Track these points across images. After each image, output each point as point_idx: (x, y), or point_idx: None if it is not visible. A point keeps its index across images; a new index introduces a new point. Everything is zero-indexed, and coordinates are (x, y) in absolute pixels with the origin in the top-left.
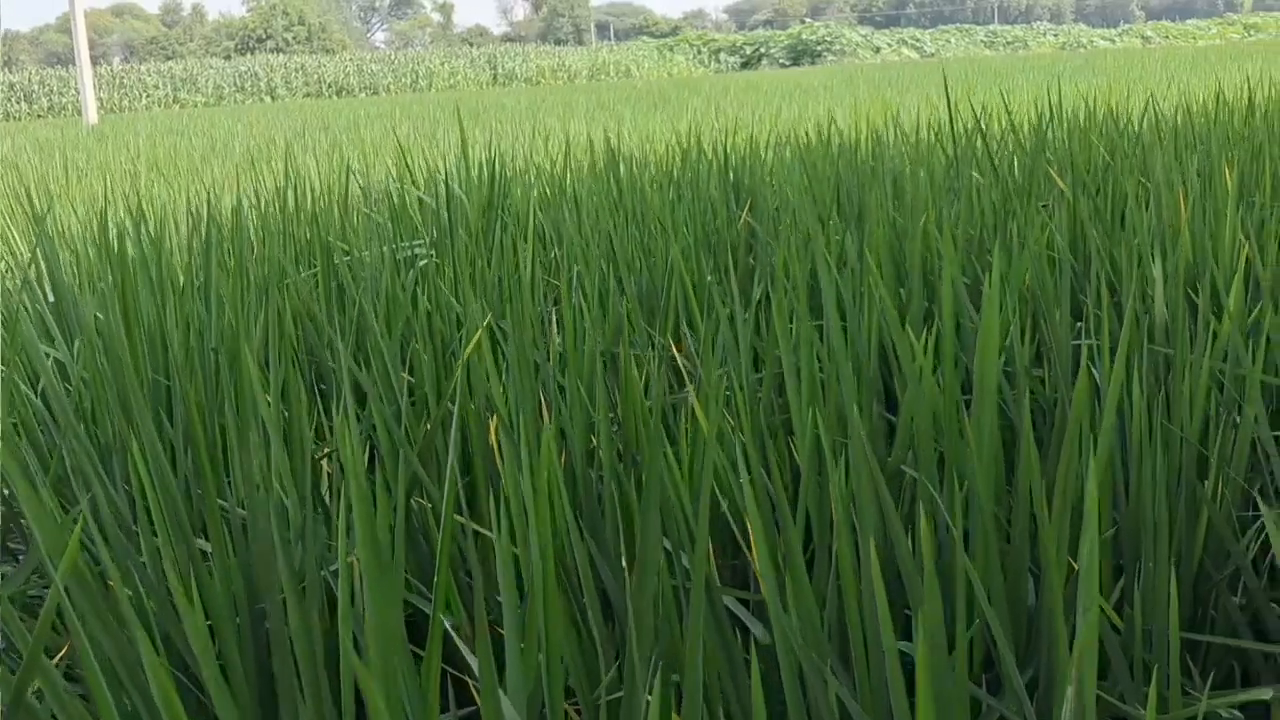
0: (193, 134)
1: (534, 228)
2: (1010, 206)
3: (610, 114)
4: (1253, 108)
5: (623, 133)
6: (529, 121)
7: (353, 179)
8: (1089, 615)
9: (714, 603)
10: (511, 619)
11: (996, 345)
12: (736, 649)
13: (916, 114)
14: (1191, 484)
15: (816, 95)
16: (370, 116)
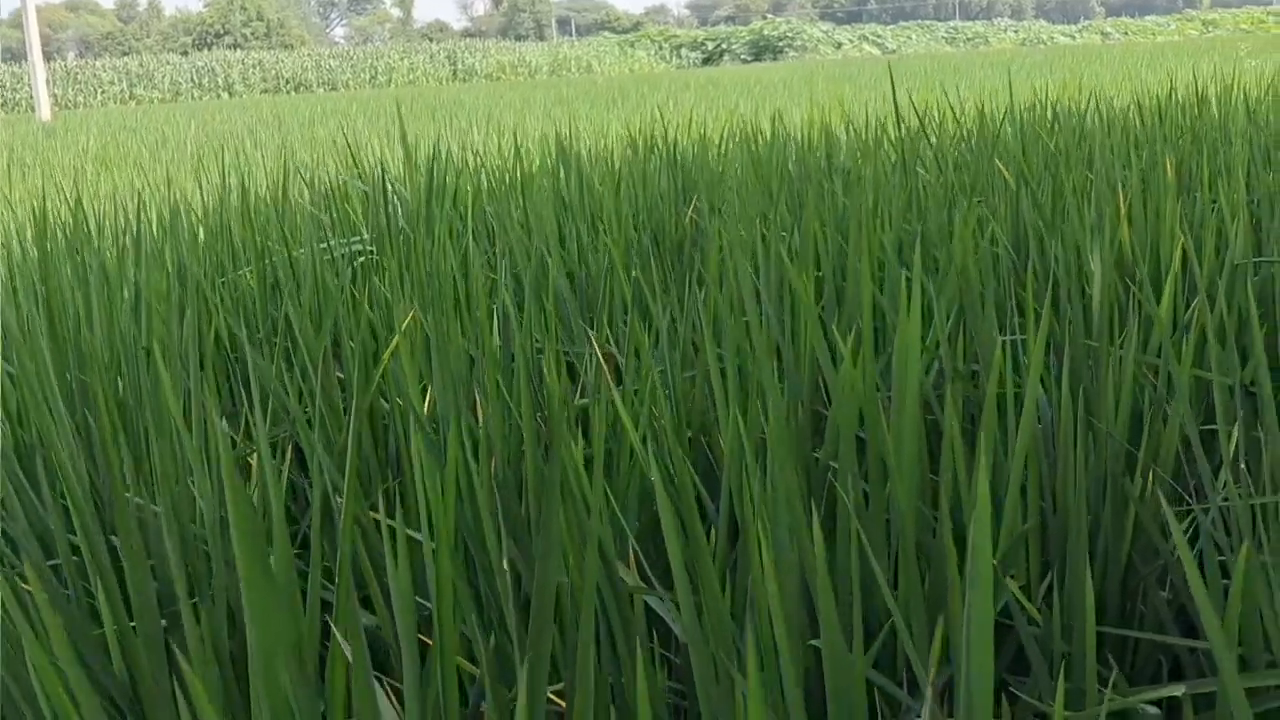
0: (144, 130)
1: (470, 224)
2: (956, 201)
3: (567, 110)
4: (1204, 103)
5: (578, 128)
6: (485, 117)
7: (298, 175)
8: (977, 595)
9: (623, 601)
10: (404, 622)
11: (917, 340)
12: (647, 648)
13: (867, 110)
14: (1117, 480)
15: (775, 91)
16: (326, 113)
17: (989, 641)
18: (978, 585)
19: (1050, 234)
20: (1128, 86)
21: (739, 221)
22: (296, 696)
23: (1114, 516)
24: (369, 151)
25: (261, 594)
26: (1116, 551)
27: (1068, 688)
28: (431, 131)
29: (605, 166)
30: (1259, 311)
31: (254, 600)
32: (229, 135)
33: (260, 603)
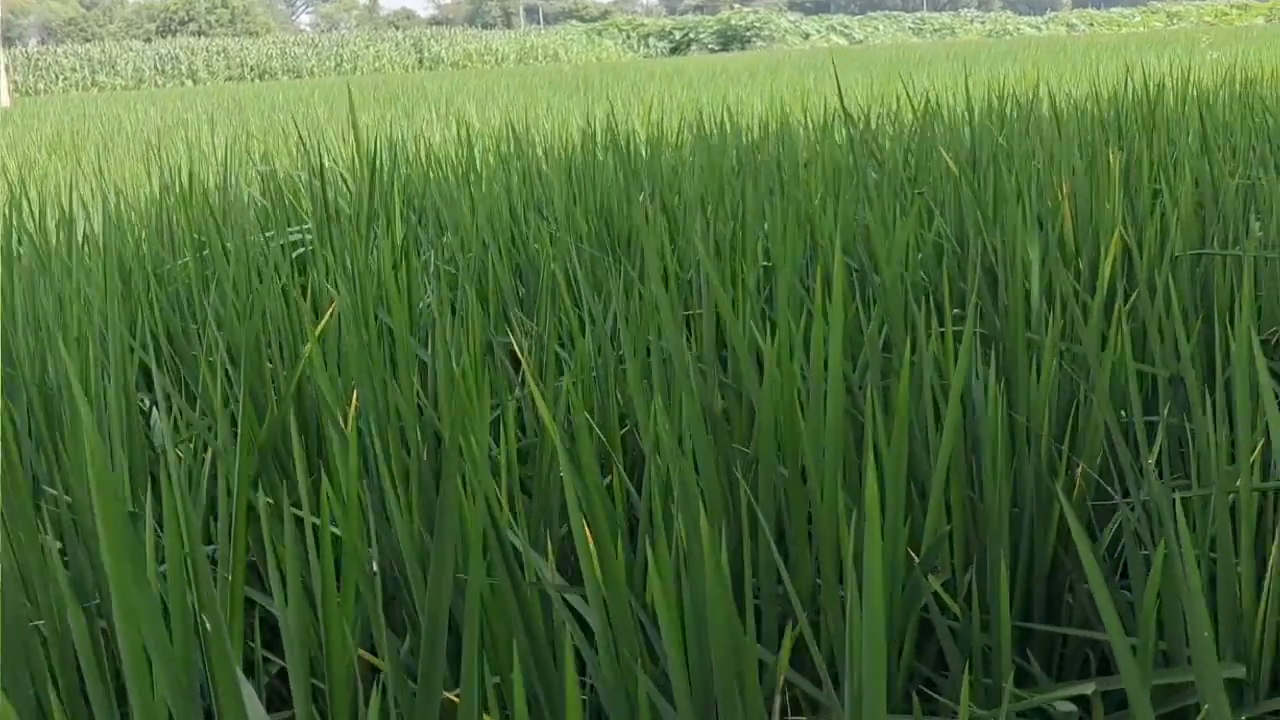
0: (103, 118)
1: (405, 214)
2: (901, 192)
3: (530, 98)
4: (1161, 94)
5: (538, 117)
6: (446, 105)
7: (250, 164)
8: (869, 595)
9: (521, 596)
10: (294, 617)
11: (840, 331)
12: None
13: (826, 102)
14: (1041, 474)
15: (739, 81)
16: (289, 100)
17: (882, 647)
18: (870, 586)
19: (989, 227)
20: (1085, 77)
21: (686, 213)
22: (174, 702)
23: (1039, 511)
24: (324, 140)
25: (129, 598)
26: (1043, 546)
27: (988, 684)
28: (390, 119)
29: (560, 156)
30: (1201, 302)
31: (123, 607)
32: (187, 123)
33: (128, 610)
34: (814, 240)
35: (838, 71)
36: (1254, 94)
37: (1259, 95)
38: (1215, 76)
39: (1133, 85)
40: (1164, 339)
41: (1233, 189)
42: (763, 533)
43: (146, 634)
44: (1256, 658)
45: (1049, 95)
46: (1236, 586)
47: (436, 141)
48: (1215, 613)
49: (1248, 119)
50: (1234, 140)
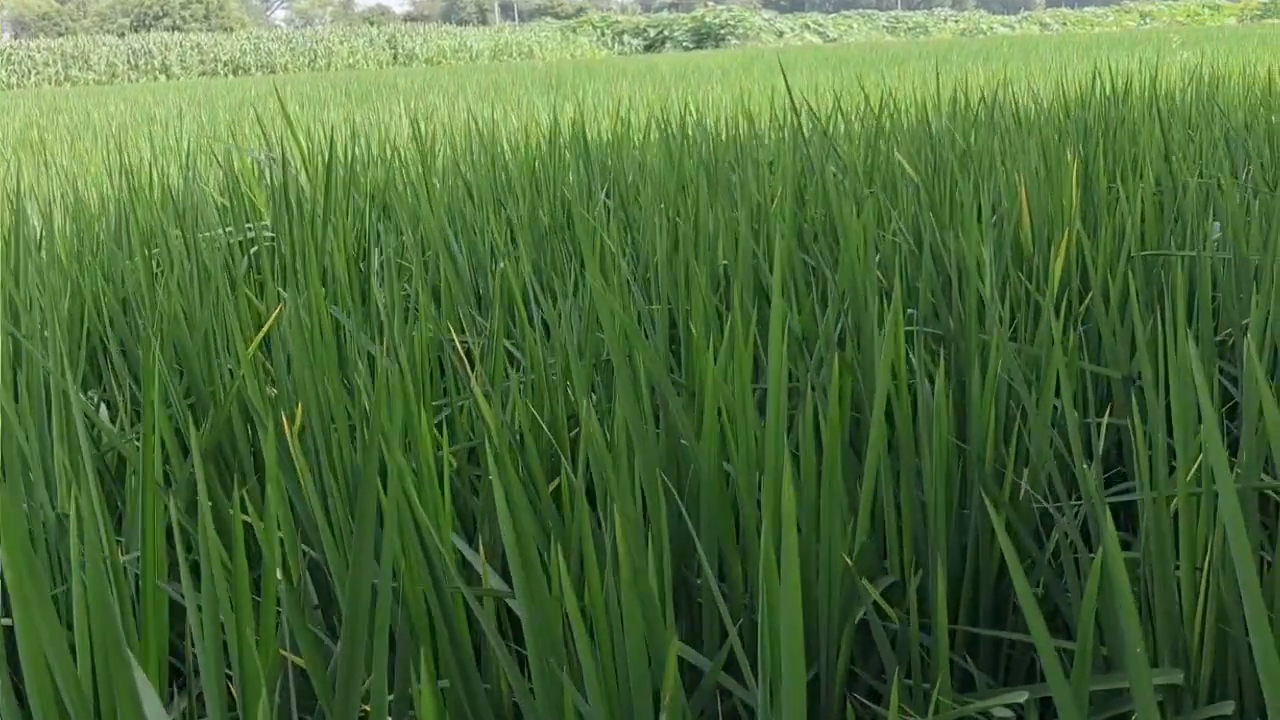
0: (73, 111)
1: (358, 210)
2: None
3: (501, 95)
4: (1128, 94)
5: (508, 114)
6: (416, 102)
7: (214, 160)
8: (785, 597)
9: (444, 599)
10: (206, 613)
11: (780, 334)
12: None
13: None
14: (985, 480)
15: (711, 79)
16: (261, 95)
17: (799, 652)
18: (787, 588)
19: (943, 228)
20: (1053, 77)
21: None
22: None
23: (983, 515)
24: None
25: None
26: (989, 550)
27: (926, 689)
28: (359, 117)
29: (525, 154)
30: (1159, 303)
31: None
32: (155, 118)
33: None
34: (770, 239)
35: (812, 69)
36: (1221, 94)
37: (1226, 95)
38: (1183, 76)
39: (1100, 85)
40: (1117, 339)
41: (1193, 189)
42: (701, 537)
43: (46, 644)
44: (1195, 663)
45: (1012, 95)
46: (1175, 591)
47: (403, 139)
48: (1152, 618)
49: (1213, 119)
50: (1198, 140)
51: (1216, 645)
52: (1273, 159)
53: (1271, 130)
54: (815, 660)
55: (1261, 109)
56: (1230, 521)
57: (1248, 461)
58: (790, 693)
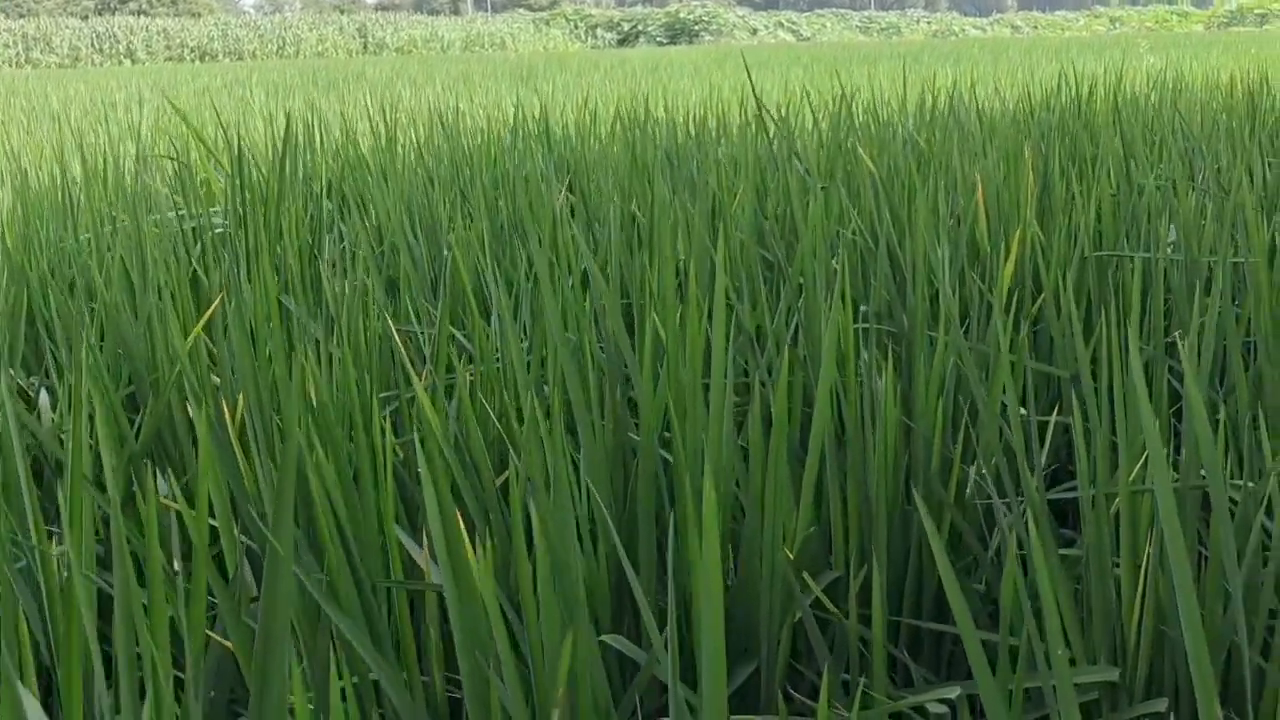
0: (32, 94)
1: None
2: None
3: (469, 86)
4: (1092, 97)
5: (473, 106)
6: (382, 91)
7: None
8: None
9: (364, 593)
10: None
11: (723, 329)
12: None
13: (763, 97)
14: (929, 476)
15: (683, 74)
16: (228, 83)
17: (720, 651)
18: (707, 582)
19: (899, 227)
20: (1020, 79)
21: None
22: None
23: (928, 511)
24: (252, 126)
25: None
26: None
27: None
28: (324, 104)
29: (487, 143)
30: (1116, 303)
31: None
32: (116, 103)
33: None
34: (728, 234)
35: (784, 67)
36: (1184, 98)
37: (1189, 99)
38: (1148, 81)
39: (1066, 87)
40: (1066, 339)
41: (1149, 191)
42: (640, 531)
43: None
44: (1133, 661)
45: (977, 96)
46: (1112, 588)
47: (366, 127)
48: (1089, 615)
49: (1174, 122)
50: (1158, 143)
51: (1154, 644)
52: (1232, 162)
53: (1231, 134)
54: (755, 655)
55: (1222, 114)
56: (1166, 521)
57: (1189, 460)
58: (710, 692)
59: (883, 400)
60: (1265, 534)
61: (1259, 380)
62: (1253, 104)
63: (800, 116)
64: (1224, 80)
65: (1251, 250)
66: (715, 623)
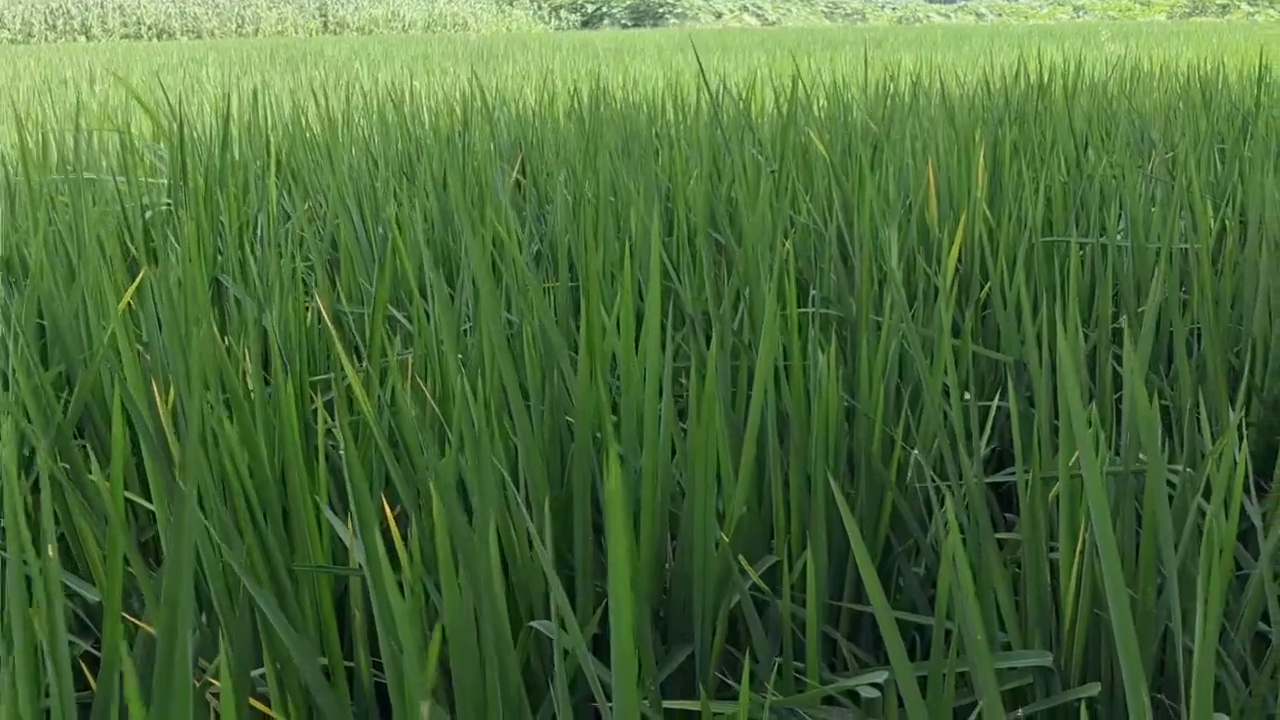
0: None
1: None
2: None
3: (428, 65)
4: (1051, 83)
5: (431, 85)
6: (340, 69)
7: (119, 123)
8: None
9: (278, 580)
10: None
11: (657, 310)
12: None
13: (724, 80)
14: (871, 459)
15: (645, 56)
16: (183, 61)
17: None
18: (616, 571)
19: (849, 210)
20: (981, 65)
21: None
22: None
23: (869, 494)
24: (199, 103)
25: None
26: (874, 530)
27: (801, 667)
28: (279, 84)
29: (441, 124)
30: (1060, 288)
31: None
32: (67, 81)
33: None
34: (680, 216)
35: (745, 51)
36: (1141, 85)
37: (1146, 87)
38: (1107, 68)
39: (1025, 74)
40: (1012, 324)
41: (1099, 177)
42: (575, 512)
43: None
44: (1068, 646)
45: (935, 81)
46: (1048, 573)
47: (317, 106)
48: (1024, 599)
49: (1131, 109)
50: (1114, 130)
51: (1089, 629)
52: (1188, 147)
53: (1185, 120)
54: (689, 640)
55: (1181, 103)
56: (1095, 504)
57: (1130, 446)
58: (621, 676)
59: (823, 379)
60: (1201, 515)
61: (1202, 366)
62: (1204, 92)
63: (760, 99)
64: (1182, 68)
65: (1198, 236)
66: (624, 601)
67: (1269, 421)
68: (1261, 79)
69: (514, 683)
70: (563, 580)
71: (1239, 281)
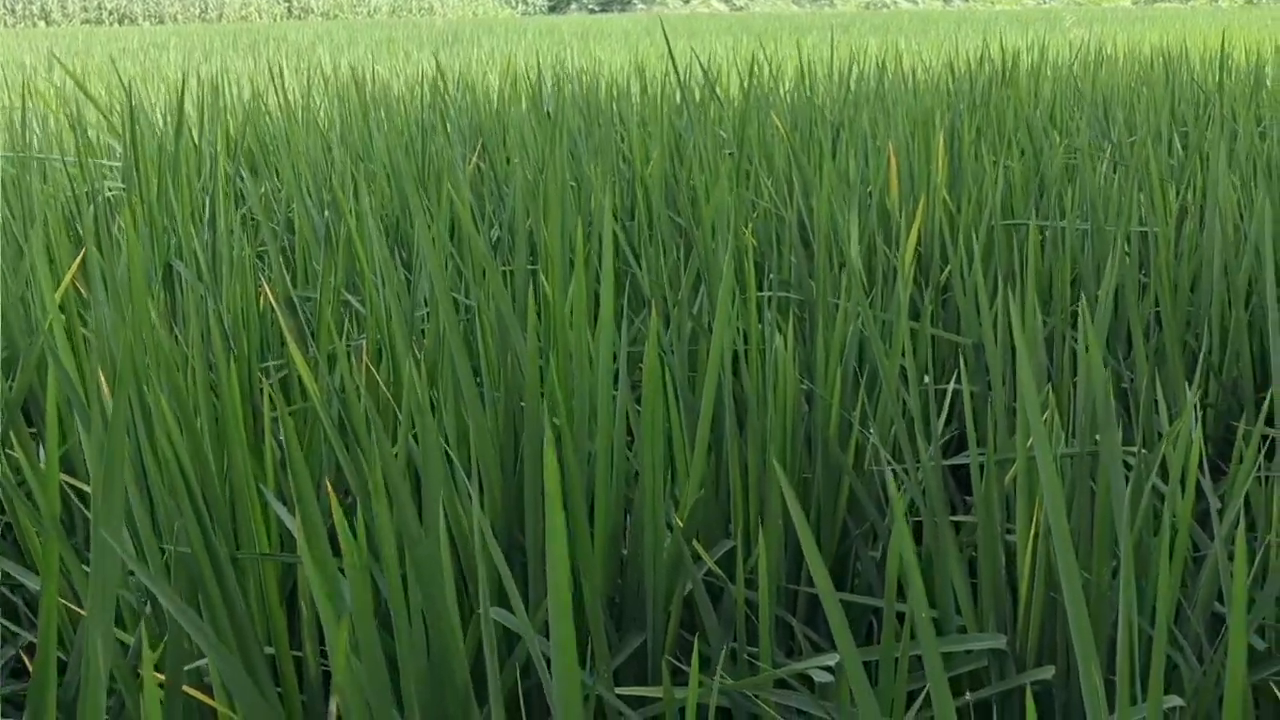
0: None
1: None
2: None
3: (391, 50)
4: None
5: (395, 69)
6: (302, 54)
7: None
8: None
9: (218, 564)
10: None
11: (611, 297)
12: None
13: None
14: (829, 442)
15: (612, 41)
16: (144, 45)
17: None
18: (554, 559)
19: (810, 192)
20: (945, 50)
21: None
22: None
23: (827, 477)
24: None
25: None
26: (831, 514)
27: (756, 652)
28: (238, 67)
29: (403, 107)
30: (1020, 270)
31: None
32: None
33: None
34: (640, 199)
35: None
36: (1104, 70)
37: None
38: (1071, 53)
39: (989, 58)
40: (972, 306)
41: (1058, 160)
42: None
43: None
44: (1024, 628)
45: (900, 66)
46: (1002, 555)
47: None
48: (978, 582)
49: (1094, 93)
50: (1078, 114)
51: (1044, 611)
52: (1147, 131)
53: (1148, 105)
54: (642, 627)
55: (1143, 87)
56: (1048, 487)
57: (1087, 427)
58: (561, 663)
59: (779, 362)
60: (1159, 497)
61: (1160, 349)
62: (1167, 75)
63: (725, 83)
64: (1145, 53)
65: (1156, 219)
66: (562, 584)
67: (1227, 404)
68: (1224, 63)
69: (461, 678)
70: (517, 565)
71: (1198, 265)
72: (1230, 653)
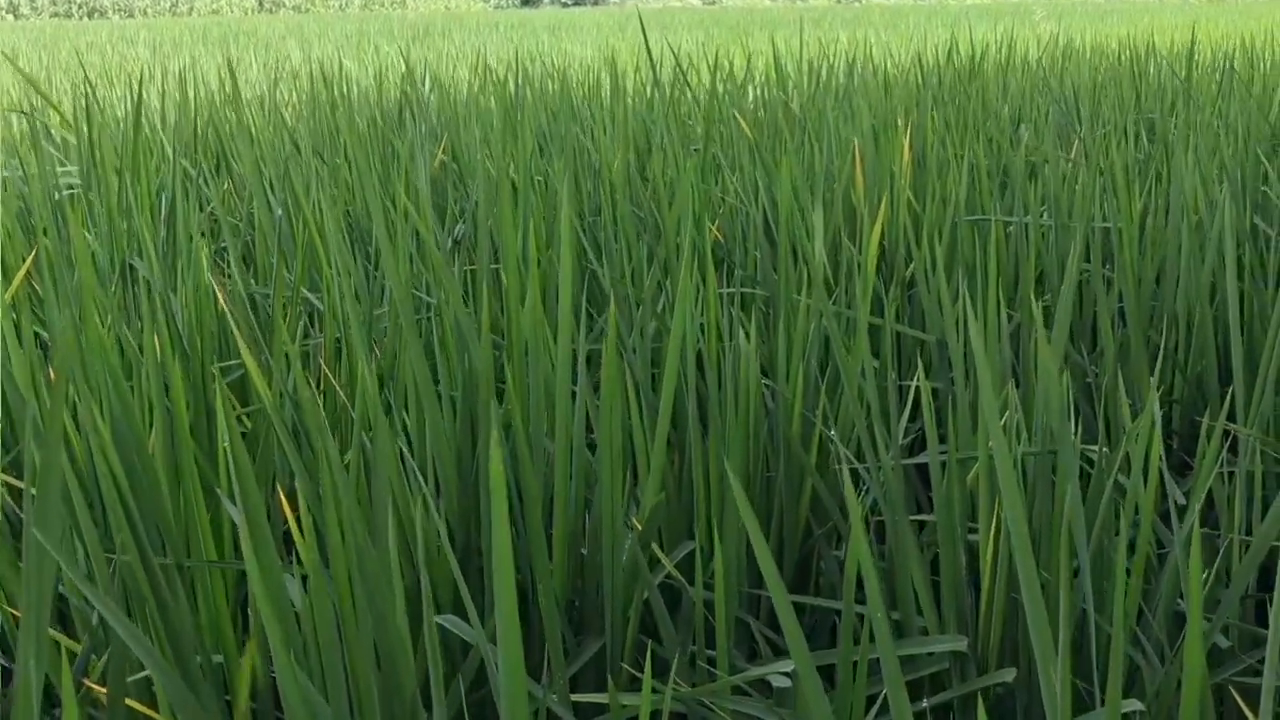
0: None
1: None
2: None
3: (362, 44)
4: (983, 63)
5: (362, 62)
6: (272, 48)
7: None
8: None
9: (150, 570)
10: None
11: (570, 290)
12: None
13: (658, 59)
14: (791, 441)
15: (584, 36)
16: (112, 39)
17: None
18: (499, 561)
19: (774, 188)
20: (915, 45)
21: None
22: None
23: (789, 477)
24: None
25: None
26: (794, 514)
27: (714, 656)
28: (204, 62)
29: (369, 103)
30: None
31: None
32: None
33: None
34: (605, 195)
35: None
36: (1071, 64)
37: (1076, 65)
38: (1039, 47)
39: (957, 53)
40: (935, 303)
41: (1021, 156)
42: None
43: None
44: (985, 630)
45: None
46: (963, 556)
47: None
48: (938, 584)
49: (1061, 87)
50: (1043, 108)
51: (1006, 612)
52: (1115, 126)
53: (1115, 100)
54: (601, 631)
55: (1111, 83)
56: (1005, 486)
57: (1047, 425)
58: (507, 663)
59: (742, 359)
60: (1121, 493)
61: (1125, 345)
62: (1134, 69)
63: (696, 78)
64: (1112, 47)
65: (1120, 216)
66: (506, 588)
67: (1191, 398)
68: (1191, 56)
69: (409, 688)
70: (474, 570)
71: (1162, 260)
72: (1187, 652)
